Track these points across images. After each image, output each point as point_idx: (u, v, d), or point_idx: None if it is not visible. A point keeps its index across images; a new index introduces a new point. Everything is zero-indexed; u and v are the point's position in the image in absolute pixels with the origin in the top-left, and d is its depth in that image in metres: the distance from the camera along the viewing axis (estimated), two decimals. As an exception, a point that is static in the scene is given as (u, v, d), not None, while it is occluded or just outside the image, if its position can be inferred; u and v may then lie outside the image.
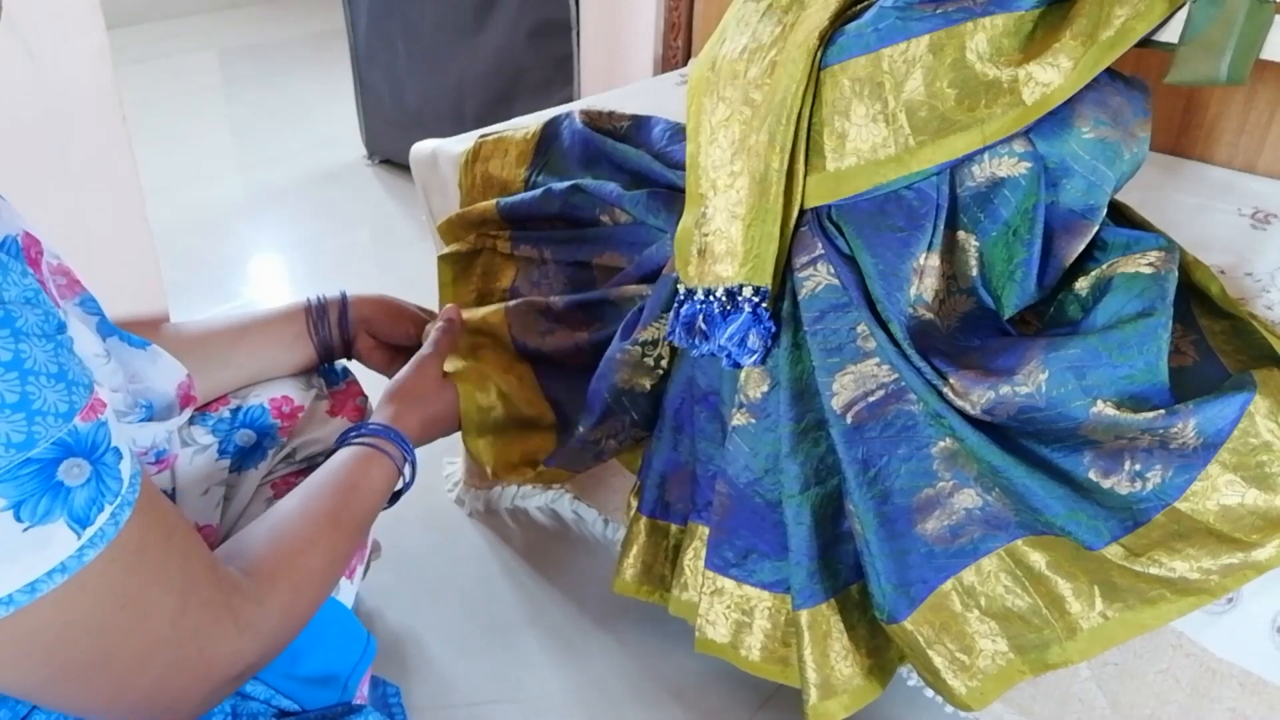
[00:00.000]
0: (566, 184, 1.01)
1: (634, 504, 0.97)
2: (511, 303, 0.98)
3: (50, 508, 0.43)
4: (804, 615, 0.82)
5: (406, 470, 0.79)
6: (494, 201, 1.06)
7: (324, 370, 0.96)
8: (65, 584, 0.44)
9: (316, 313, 0.92)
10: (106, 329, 0.63)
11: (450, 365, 0.90)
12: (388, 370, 0.94)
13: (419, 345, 0.92)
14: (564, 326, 0.97)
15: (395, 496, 0.79)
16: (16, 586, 0.42)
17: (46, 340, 0.43)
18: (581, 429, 0.92)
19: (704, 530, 0.91)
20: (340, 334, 0.93)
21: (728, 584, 0.89)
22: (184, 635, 0.51)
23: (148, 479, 0.50)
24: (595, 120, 1.10)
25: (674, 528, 0.96)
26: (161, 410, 0.68)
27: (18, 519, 0.41)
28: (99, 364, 0.57)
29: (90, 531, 0.44)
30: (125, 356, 0.65)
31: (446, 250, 1.08)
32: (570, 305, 0.97)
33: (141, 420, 0.65)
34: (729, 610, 0.89)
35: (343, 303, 0.94)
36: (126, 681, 0.50)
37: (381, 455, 0.76)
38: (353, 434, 0.77)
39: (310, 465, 0.96)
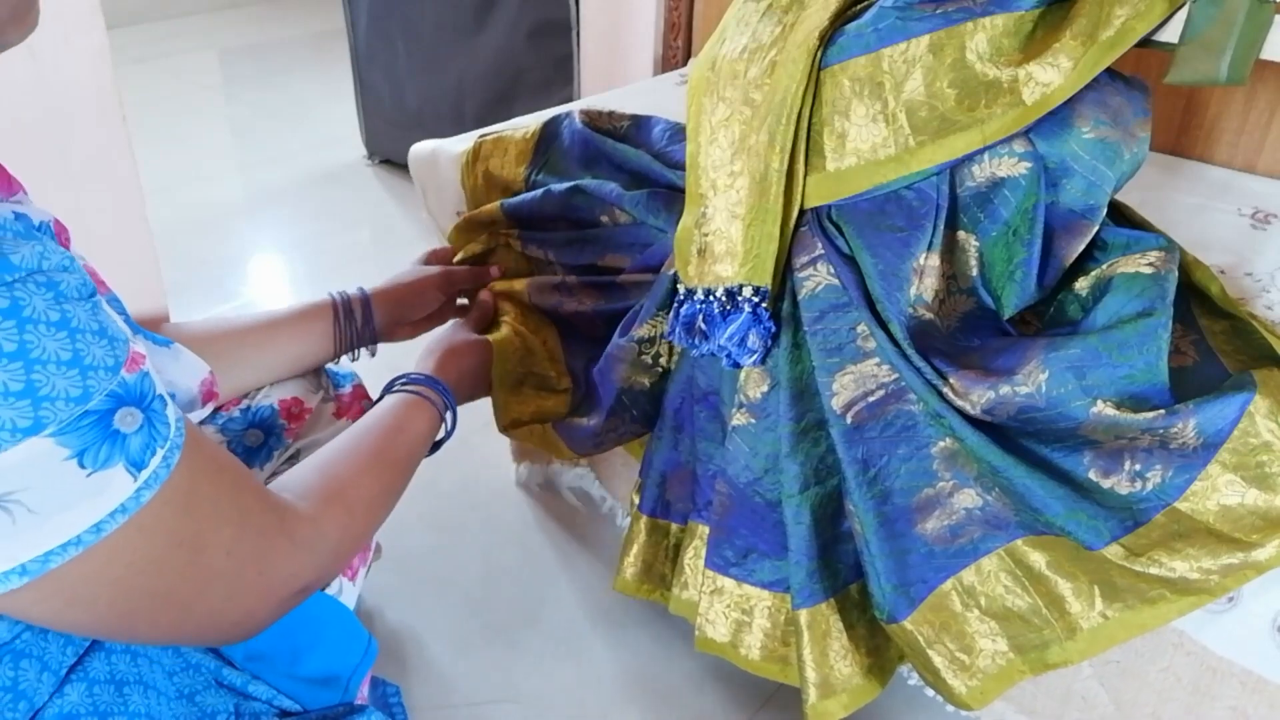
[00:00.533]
0: (566, 185, 1.02)
1: (635, 501, 0.98)
2: (531, 279, 1.04)
3: (110, 454, 0.45)
4: (803, 615, 0.83)
5: (448, 418, 0.84)
6: (498, 203, 1.06)
7: (330, 372, 0.97)
8: (124, 525, 0.46)
9: (343, 311, 0.93)
10: (131, 328, 0.63)
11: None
12: (429, 329, 1.03)
13: (449, 302, 1.02)
14: (576, 298, 1.00)
15: (436, 445, 0.83)
16: (84, 528, 0.45)
17: (85, 301, 0.46)
18: (591, 421, 0.93)
19: (704, 529, 0.91)
20: (365, 331, 0.95)
21: (727, 583, 0.89)
22: (241, 563, 0.53)
23: (189, 422, 0.52)
24: (595, 120, 1.10)
25: (674, 527, 0.96)
26: (183, 406, 0.69)
27: (81, 465, 0.44)
28: None
29: (145, 474, 0.47)
30: (149, 354, 0.65)
31: (463, 254, 1.09)
32: (584, 283, 1.00)
33: None
34: (729, 609, 0.89)
35: (365, 301, 0.95)
36: (189, 611, 0.52)
37: (425, 402, 0.80)
38: (397, 382, 0.82)
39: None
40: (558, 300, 1.00)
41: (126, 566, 0.48)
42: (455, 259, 1.10)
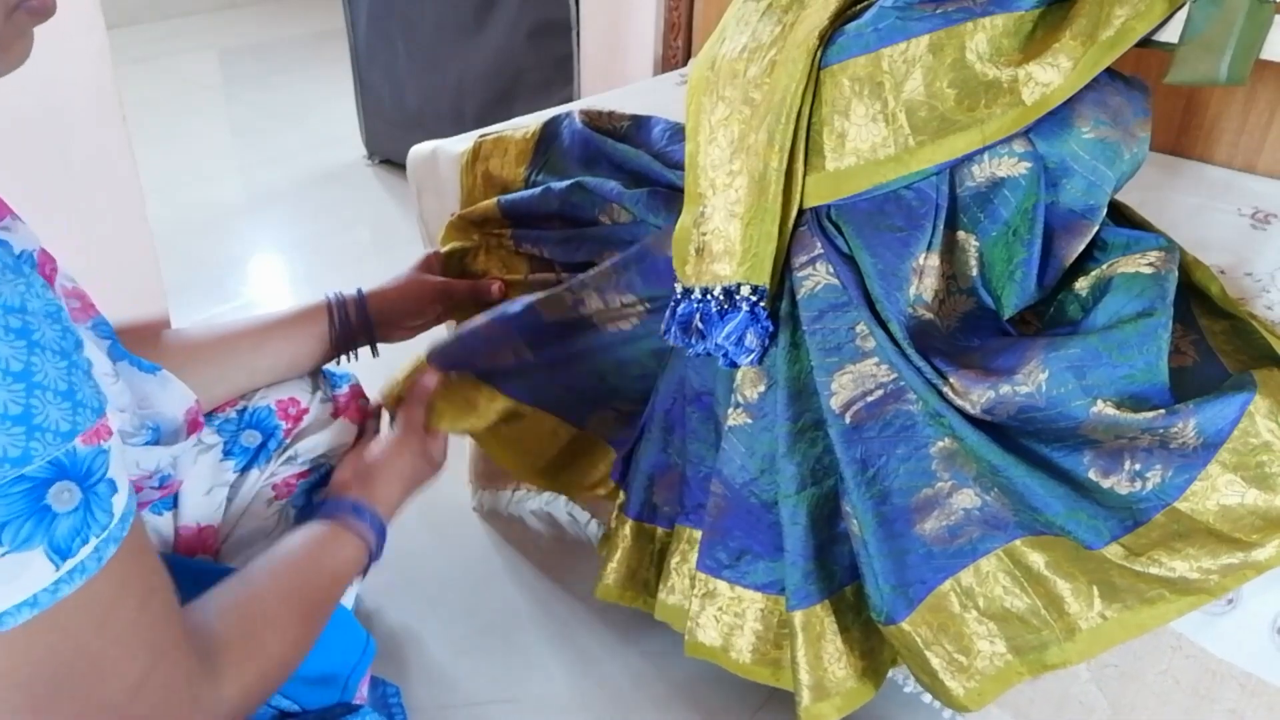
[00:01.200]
0: (567, 182, 1.01)
1: (619, 506, 0.96)
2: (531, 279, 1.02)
3: (32, 533, 0.40)
4: (798, 616, 0.82)
5: (374, 546, 0.76)
6: (495, 200, 1.06)
7: (327, 373, 0.96)
8: (22, 626, 0.40)
9: (338, 313, 0.92)
10: (118, 353, 0.62)
11: (437, 420, 0.91)
12: (424, 330, 1.00)
13: (445, 311, 0.99)
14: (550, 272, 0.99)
15: (364, 568, 0.77)
16: None
17: (61, 357, 0.42)
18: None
19: (693, 533, 0.90)
20: (361, 332, 0.94)
21: (720, 586, 0.88)
22: (138, 710, 0.47)
23: (141, 526, 0.47)
24: (595, 120, 1.10)
25: (660, 531, 0.95)
26: (168, 435, 0.67)
27: None
28: (107, 383, 0.56)
29: (70, 564, 0.41)
30: (135, 381, 0.64)
31: (450, 247, 1.07)
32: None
33: (148, 443, 0.64)
34: (721, 613, 0.89)
35: (361, 303, 0.94)
36: None
37: (350, 535, 0.74)
38: (324, 509, 0.76)
39: (313, 467, 0.96)
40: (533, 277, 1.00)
41: (11, 669, 0.41)
42: (442, 252, 1.08)
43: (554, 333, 0.92)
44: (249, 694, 0.56)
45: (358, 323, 0.93)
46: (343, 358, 0.96)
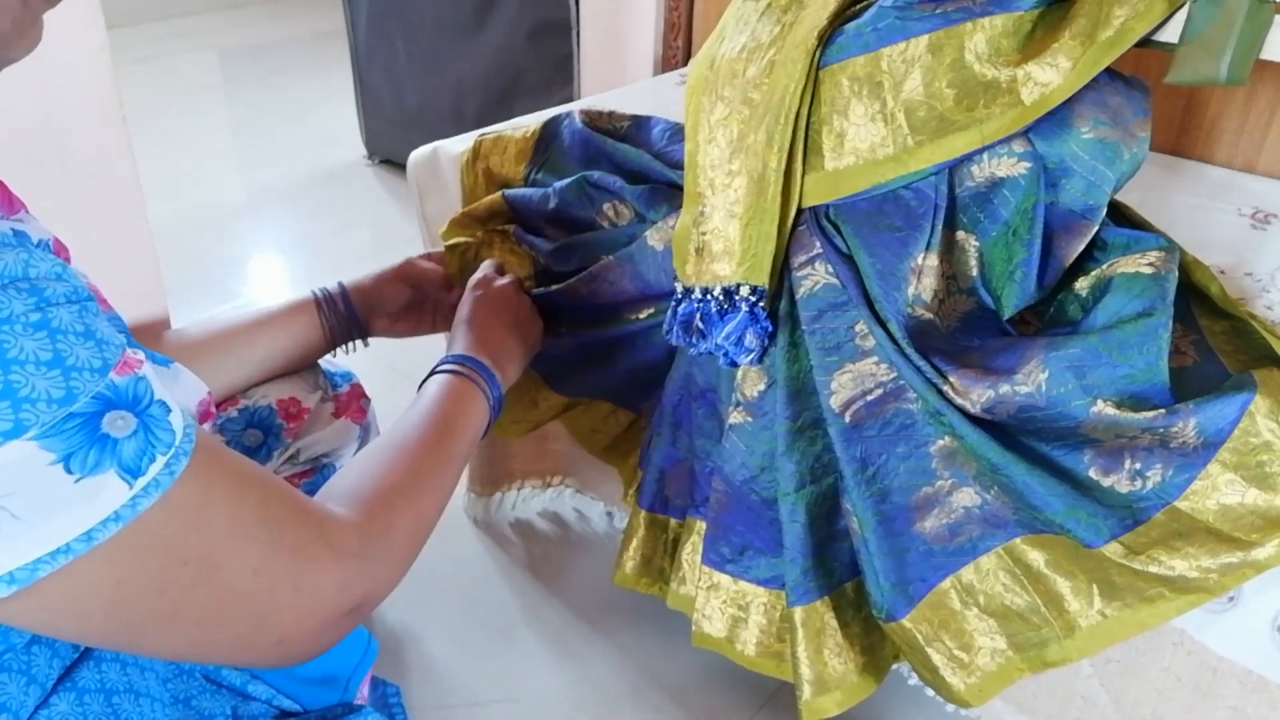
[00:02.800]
0: (570, 179, 1.01)
1: (633, 496, 0.98)
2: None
3: (100, 459, 0.43)
4: (798, 612, 0.83)
5: (491, 399, 0.80)
6: (500, 194, 1.06)
7: (327, 372, 0.97)
8: (118, 534, 0.43)
9: (325, 303, 0.93)
10: (132, 346, 0.63)
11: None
12: (416, 330, 1.00)
13: (436, 295, 1.00)
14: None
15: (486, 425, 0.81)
16: (73, 535, 0.42)
17: (72, 304, 0.44)
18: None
19: (702, 525, 0.91)
20: (351, 321, 0.95)
21: (724, 579, 0.89)
22: (273, 582, 0.50)
23: (205, 433, 0.49)
24: (595, 120, 1.10)
25: (673, 522, 0.97)
26: None
27: (68, 470, 0.42)
28: None
29: (143, 481, 0.44)
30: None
31: (454, 240, 1.07)
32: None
33: None
34: (725, 605, 0.90)
35: (344, 294, 0.95)
36: (211, 633, 0.50)
37: (477, 391, 0.77)
38: (447, 362, 0.79)
39: (314, 466, 0.96)
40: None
41: (120, 582, 0.45)
42: (445, 246, 1.08)
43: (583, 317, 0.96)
44: (404, 537, 0.59)
45: (345, 312, 0.94)
46: (340, 350, 0.96)
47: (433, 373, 0.78)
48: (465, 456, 0.73)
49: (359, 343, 0.98)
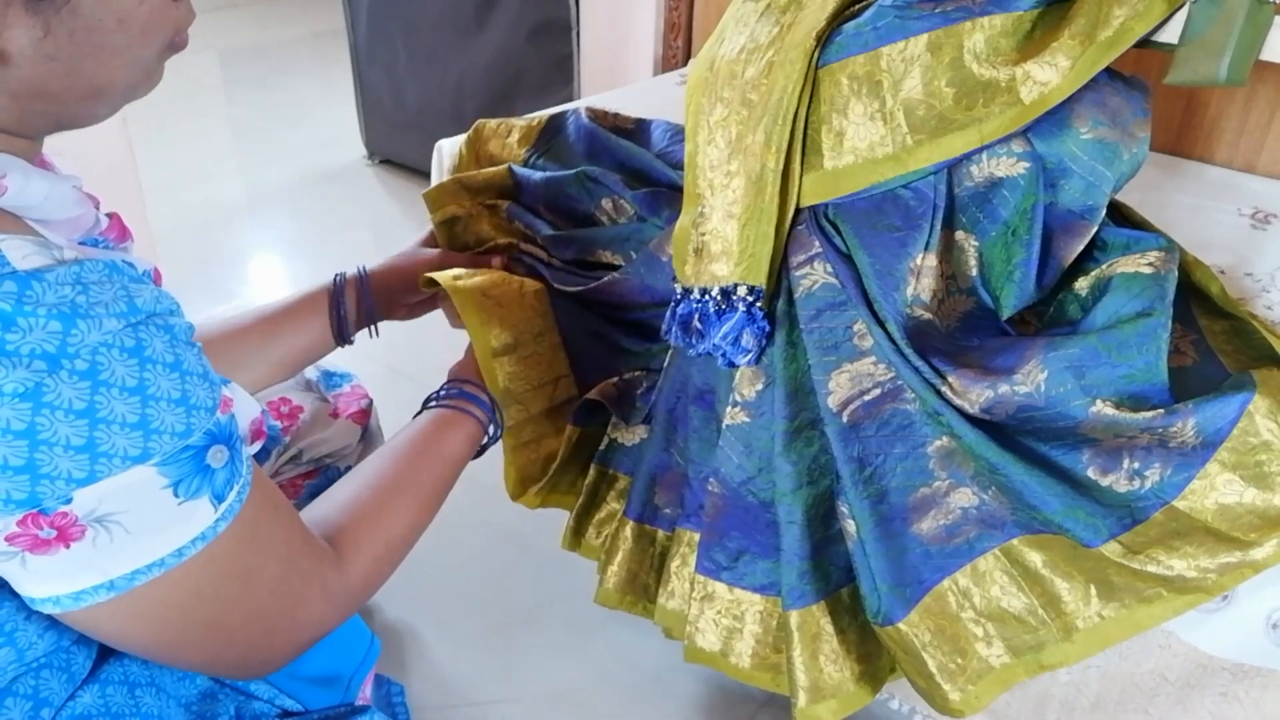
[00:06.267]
0: (572, 171, 1.01)
1: (618, 509, 0.96)
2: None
3: (200, 486, 0.49)
4: (794, 616, 0.82)
5: (489, 427, 0.84)
6: (505, 166, 1.05)
7: (328, 372, 0.97)
8: (200, 552, 0.50)
9: (338, 295, 0.92)
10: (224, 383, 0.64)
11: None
12: (428, 310, 1.00)
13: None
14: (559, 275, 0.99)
15: (481, 449, 0.84)
16: (168, 551, 0.49)
17: (191, 347, 0.51)
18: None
19: (693, 536, 0.89)
20: (359, 312, 0.94)
21: (719, 588, 0.87)
22: (281, 602, 0.56)
23: (254, 460, 0.56)
24: (600, 118, 1.10)
25: (661, 534, 0.94)
26: None
27: (175, 494, 0.48)
28: None
29: (223, 506, 0.51)
30: None
31: (444, 214, 1.06)
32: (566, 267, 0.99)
33: None
34: (720, 616, 0.88)
35: (361, 283, 0.94)
36: (231, 642, 0.56)
37: (461, 416, 0.80)
38: (432, 398, 0.82)
39: (318, 467, 0.96)
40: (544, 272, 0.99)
41: (191, 591, 0.51)
42: (434, 221, 1.07)
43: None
44: (369, 578, 0.65)
45: (360, 300, 0.93)
46: (345, 344, 0.95)
47: (424, 406, 0.82)
48: (442, 480, 0.77)
49: (370, 329, 0.97)
